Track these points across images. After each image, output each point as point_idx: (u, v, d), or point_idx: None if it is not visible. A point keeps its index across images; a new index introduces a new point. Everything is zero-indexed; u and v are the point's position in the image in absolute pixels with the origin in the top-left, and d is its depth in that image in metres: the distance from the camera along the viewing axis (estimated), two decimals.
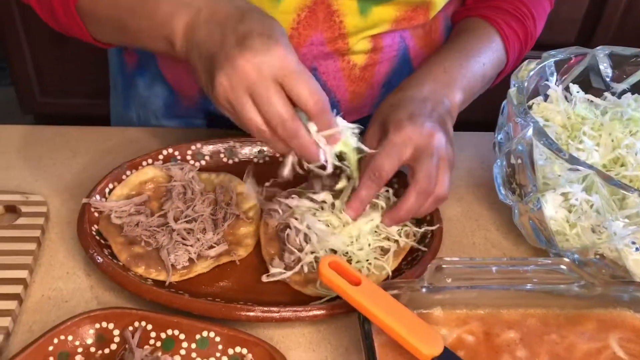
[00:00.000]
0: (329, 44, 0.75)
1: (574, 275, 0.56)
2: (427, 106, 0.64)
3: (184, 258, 0.61)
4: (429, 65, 0.72)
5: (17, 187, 0.71)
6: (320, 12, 0.72)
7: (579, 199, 0.58)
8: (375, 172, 0.61)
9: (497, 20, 0.77)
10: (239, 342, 0.53)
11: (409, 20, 0.75)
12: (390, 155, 0.61)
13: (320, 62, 0.76)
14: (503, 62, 0.79)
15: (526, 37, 0.80)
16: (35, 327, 0.56)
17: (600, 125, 0.68)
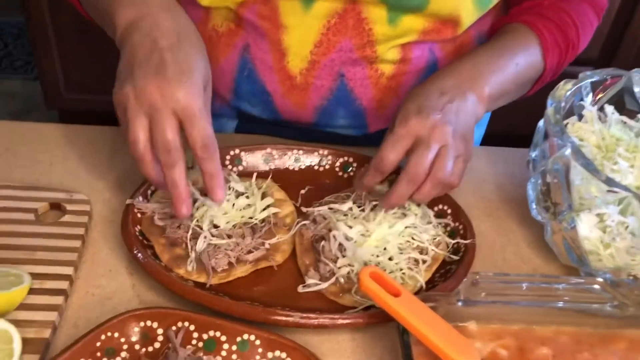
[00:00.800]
0: (358, 50, 0.76)
1: (607, 295, 0.57)
2: (443, 99, 0.67)
3: (224, 262, 0.63)
4: (458, 61, 0.74)
5: (60, 185, 0.73)
6: (350, 18, 0.74)
7: (614, 221, 0.59)
8: (380, 162, 0.66)
9: (536, 24, 0.77)
10: (279, 346, 0.54)
11: (437, 32, 0.77)
12: (394, 147, 0.65)
13: (348, 69, 0.78)
14: (540, 67, 0.79)
15: (567, 46, 0.79)
16: (80, 323, 0.58)
17: (635, 147, 0.69)
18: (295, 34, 0.75)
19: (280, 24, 0.74)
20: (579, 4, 0.81)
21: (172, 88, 0.57)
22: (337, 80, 0.79)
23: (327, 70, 0.78)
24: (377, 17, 0.73)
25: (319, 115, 0.83)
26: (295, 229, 0.67)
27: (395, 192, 0.65)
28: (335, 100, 0.81)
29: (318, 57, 0.76)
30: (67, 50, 2.04)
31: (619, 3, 1.93)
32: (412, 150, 0.64)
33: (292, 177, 0.76)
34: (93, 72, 2.08)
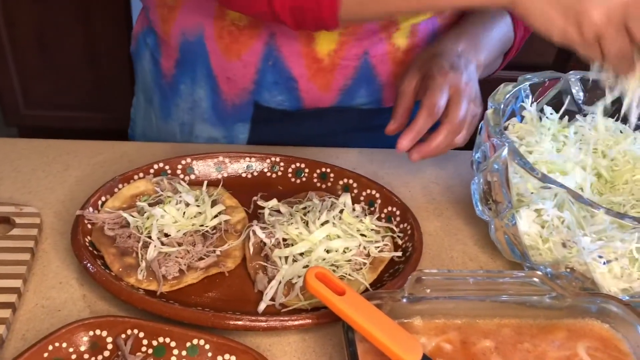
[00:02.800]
0: (382, 31, 0.81)
1: (546, 287, 0.60)
2: (462, 61, 0.75)
3: (175, 269, 0.63)
4: (460, 29, 0.82)
5: (10, 199, 0.72)
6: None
7: (550, 215, 0.61)
8: (433, 107, 0.70)
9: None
10: (228, 350, 0.55)
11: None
12: (443, 93, 0.71)
13: (371, 48, 0.83)
14: (511, 39, 0.87)
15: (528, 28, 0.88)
16: (29, 335, 0.58)
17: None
18: None
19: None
20: None
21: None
22: (362, 58, 0.83)
23: (354, 50, 0.82)
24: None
25: (341, 96, 0.86)
26: (245, 234, 0.68)
27: (435, 142, 0.71)
28: (358, 79, 0.85)
29: (347, 37, 0.80)
30: (25, 66, 2.01)
31: None
32: (453, 100, 0.71)
33: (244, 184, 0.77)
34: (52, 87, 2.06)
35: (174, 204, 0.68)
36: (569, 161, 0.70)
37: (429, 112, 0.71)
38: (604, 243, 0.59)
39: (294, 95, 0.86)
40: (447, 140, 0.72)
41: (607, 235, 0.59)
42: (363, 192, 0.77)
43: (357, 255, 0.66)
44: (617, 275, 0.61)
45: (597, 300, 0.60)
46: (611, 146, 0.75)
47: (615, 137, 0.76)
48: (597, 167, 0.72)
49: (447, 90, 0.71)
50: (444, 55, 0.75)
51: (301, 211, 0.70)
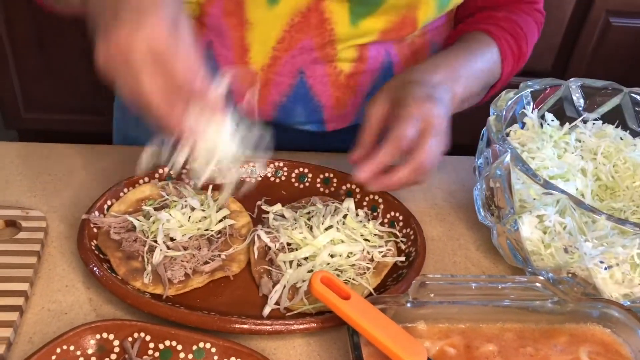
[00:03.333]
0: (318, 49, 0.79)
1: (548, 292, 0.60)
2: (438, 92, 0.70)
3: (180, 273, 0.64)
4: (438, 59, 0.78)
5: (16, 203, 0.73)
6: (313, 18, 0.76)
7: (552, 221, 0.62)
8: (399, 140, 0.65)
9: (496, 33, 0.82)
10: (234, 353, 0.55)
11: (397, 32, 0.79)
12: (413, 125, 0.66)
13: (308, 67, 0.80)
14: (497, 73, 0.83)
15: (519, 56, 0.85)
16: (36, 338, 0.59)
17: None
18: (259, 30, 0.77)
19: (245, 20, 0.76)
20: (526, 19, 0.86)
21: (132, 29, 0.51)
22: (297, 77, 0.81)
23: (288, 67, 0.80)
24: (339, 17, 0.76)
25: (277, 112, 0.85)
26: (250, 239, 0.69)
27: (397, 177, 0.66)
28: (294, 97, 0.83)
29: (280, 53, 0.79)
30: (25, 69, 2.02)
31: (568, 17, 2.01)
32: (422, 135, 0.66)
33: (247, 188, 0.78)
34: (51, 90, 2.07)
35: (180, 208, 0.69)
36: (570, 167, 0.71)
37: (395, 144, 0.65)
38: (605, 249, 0.60)
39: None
40: (409, 178, 0.67)
41: (609, 240, 0.60)
42: (366, 197, 0.77)
43: (361, 260, 0.67)
44: (618, 280, 0.61)
45: (598, 305, 0.61)
46: (612, 153, 0.75)
47: (615, 144, 0.76)
48: (597, 173, 0.73)
49: (419, 122, 0.66)
50: (419, 84, 0.70)
51: (305, 216, 0.71)
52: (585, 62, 2.10)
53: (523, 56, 0.86)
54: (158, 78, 0.52)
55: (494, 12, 0.86)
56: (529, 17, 0.87)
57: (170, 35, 0.52)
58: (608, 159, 0.75)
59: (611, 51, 2.07)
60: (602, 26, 2.03)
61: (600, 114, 0.82)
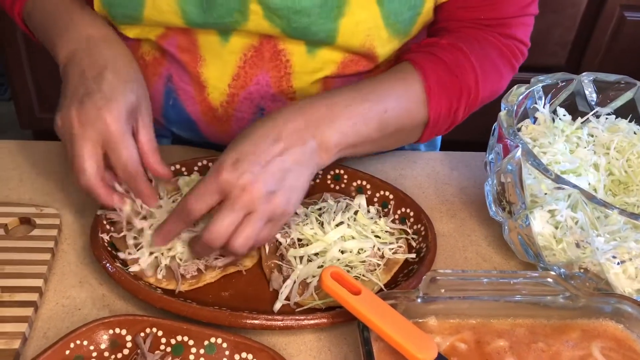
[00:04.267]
0: (274, 84, 0.76)
1: (560, 287, 0.60)
2: (275, 148, 0.59)
3: (193, 268, 0.64)
4: (316, 97, 0.65)
5: (30, 200, 0.74)
6: (267, 51, 0.74)
7: (564, 216, 0.62)
8: (184, 213, 0.60)
9: (423, 66, 0.69)
10: (245, 348, 0.56)
11: (355, 63, 0.75)
12: (200, 199, 0.59)
13: (267, 104, 0.78)
14: (421, 114, 0.69)
15: (460, 92, 0.70)
16: (50, 333, 0.59)
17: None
18: (214, 67, 0.76)
19: (199, 57, 0.76)
20: (484, 48, 0.74)
21: (90, 116, 0.62)
22: (257, 113, 0.79)
23: (247, 103, 0.78)
24: (295, 48, 0.73)
25: None
26: None
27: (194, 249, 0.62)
28: None
29: (236, 90, 0.77)
30: (39, 70, 2.04)
31: (582, 12, 2.00)
32: (218, 210, 0.58)
33: None
34: None
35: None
36: (582, 162, 0.71)
37: (179, 215, 0.60)
38: (617, 243, 0.59)
39: (198, 134, 0.85)
40: (204, 250, 0.62)
41: (621, 235, 0.59)
42: (377, 193, 0.77)
43: (372, 256, 0.67)
44: (631, 275, 0.61)
45: (611, 300, 0.60)
46: (625, 147, 0.75)
47: (629, 139, 0.76)
48: (610, 168, 0.73)
49: (211, 195, 0.58)
50: (245, 140, 0.60)
51: (316, 212, 0.71)
52: (600, 57, 2.09)
53: (469, 92, 0.71)
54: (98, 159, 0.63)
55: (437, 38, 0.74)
56: (491, 49, 0.75)
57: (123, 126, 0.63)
58: (621, 154, 0.74)
59: (626, 46, 2.05)
60: (616, 21, 2.01)
61: (613, 109, 0.81)
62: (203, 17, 0.70)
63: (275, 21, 0.69)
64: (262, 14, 0.69)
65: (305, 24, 0.68)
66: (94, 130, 0.62)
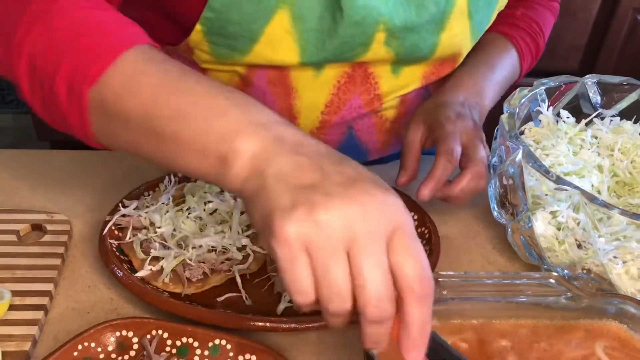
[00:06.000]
0: (366, 106, 0.80)
1: (562, 288, 0.60)
2: (466, 109, 0.75)
3: (199, 272, 0.65)
4: (461, 77, 0.81)
5: (42, 207, 0.76)
6: (358, 76, 0.77)
7: (565, 217, 0.62)
8: (451, 154, 0.69)
9: (513, 35, 0.87)
10: (249, 350, 0.57)
11: (437, 74, 0.81)
12: (456, 140, 0.70)
13: (356, 121, 0.82)
14: (517, 75, 0.89)
15: (537, 52, 0.90)
16: (60, 336, 0.61)
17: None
18: (307, 98, 0.77)
19: (292, 89, 0.76)
20: (543, 13, 0.91)
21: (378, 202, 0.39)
22: (346, 133, 0.82)
23: (337, 126, 0.81)
24: (381, 69, 0.77)
25: None
26: None
27: (460, 186, 0.70)
28: (342, 149, 0.80)
29: (329, 116, 0.79)
30: None
31: (594, 17, 1.99)
32: (469, 147, 0.71)
33: None
34: None
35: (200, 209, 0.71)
36: (585, 164, 0.71)
37: (447, 158, 0.70)
38: (619, 243, 0.59)
39: None
40: (471, 184, 0.70)
41: (623, 235, 0.59)
42: None
43: None
44: (634, 276, 0.61)
45: (614, 301, 0.60)
46: (629, 149, 0.75)
47: (633, 140, 0.76)
48: (614, 170, 0.73)
49: (459, 137, 0.71)
50: (447, 106, 0.75)
51: None
52: (613, 61, 2.07)
53: (539, 52, 0.91)
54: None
55: (512, 9, 0.88)
56: (546, 10, 0.91)
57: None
58: (625, 155, 0.74)
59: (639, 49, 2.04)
60: (629, 24, 2.00)
61: (617, 110, 0.81)
62: (320, 55, 0.70)
63: (392, 44, 0.72)
64: (384, 40, 0.71)
65: (415, 41, 0.73)
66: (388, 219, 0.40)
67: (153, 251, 0.66)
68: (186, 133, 0.44)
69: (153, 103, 0.46)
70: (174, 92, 0.46)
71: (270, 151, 0.42)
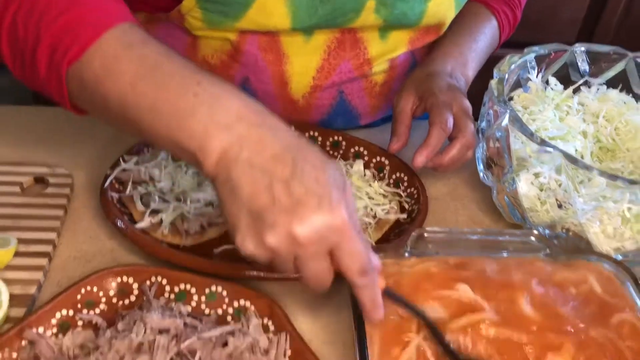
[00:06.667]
0: (356, 70, 0.82)
1: (542, 245, 0.63)
2: (454, 80, 0.79)
3: (196, 225, 0.68)
4: (448, 46, 0.85)
5: (44, 162, 0.78)
6: (347, 41, 0.79)
7: (547, 178, 0.65)
8: (445, 123, 0.72)
9: (494, 7, 0.90)
10: (244, 295, 0.60)
11: (422, 40, 0.84)
12: (448, 110, 0.73)
13: (346, 85, 0.84)
14: (496, 44, 0.92)
15: (514, 22, 0.94)
16: (63, 283, 0.63)
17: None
18: (298, 64, 0.79)
19: (283, 55, 0.78)
20: None
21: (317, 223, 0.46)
22: (337, 97, 0.85)
23: (328, 91, 0.83)
24: (370, 35, 0.79)
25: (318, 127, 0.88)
26: None
27: (450, 155, 0.73)
28: (334, 113, 0.87)
29: (320, 81, 0.81)
30: None
31: None
32: (459, 118, 0.73)
33: None
34: None
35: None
36: (570, 129, 0.73)
37: (442, 127, 0.72)
38: (598, 204, 0.62)
39: None
40: (460, 154, 0.74)
41: (602, 195, 0.62)
42: (373, 159, 0.81)
43: (364, 216, 0.71)
44: (610, 235, 0.64)
45: (591, 258, 0.63)
46: (614, 116, 0.77)
47: (618, 108, 0.78)
48: (598, 136, 0.75)
49: (451, 107, 0.74)
50: (438, 75, 0.78)
51: None
52: (610, 36, 2.08)
53: (516, 22, 0.94)
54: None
55: None
56: None
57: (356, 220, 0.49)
58: (610, 122, 0.77)
59: (637, 24, 2.04)
60: None
61: (605, 79, 0.83)
62: (311, 20, 0.72)
63: (381, 12, 0.75)
64: (374, 8, 0.74)
65: (404, 9, 0.76)
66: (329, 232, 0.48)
67: (152, 204, 0.69)
68: (160, 127, 0.48)
69: (130, 91, 0.48)
70: (148, 85, 0.48)
71: (232, 154, 0.47)
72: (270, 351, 0.55)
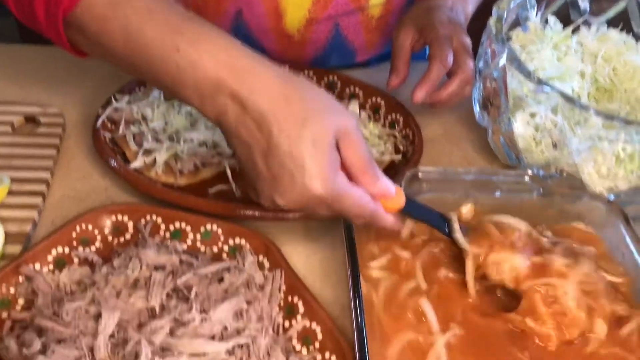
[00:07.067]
0: (352, 2, 0.80)
1: (536, 185, 0.64)
2: (454, 14, 0.77)
3: (190, 164, 0.68)
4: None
5: (35, 101, 0.77)
6: None
7: (543, 117, 0.64)
8: (445, 58, 0.71)
9: None
10: (238, 233, 0.60)
11: None
12: (448, 44, 0.72)
13: (342, 19, 0.82)
14: None
15: None
16: (57, 221, 0.63)
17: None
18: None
19: None
20: None
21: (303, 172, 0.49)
22: (333, 30, 0.83)
23: (324, 24, 0.81)
24: None
25: (312, 63, 0.87)
26: None
27: (448, 91, 0.72)
28: (330, 48, 0.85)
29: (316, 14, 0.79)
30: None
31: None
32: (459, 54, 0.72)
33: None
34: None
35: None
36: (568, 69, 0.73)
37: (442, 62, 0.71)
38: (593, 144, 0.62)
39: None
40: (458, 90, 0.73)
41: (597, 136, 0.62)
42: (369, 99, 0.80)
43: None
44: (603, 175, 0.64)
45: (584, 198, 0.64)
46: (612, 56, 0.76)
47: (617, 48, 0.77)
48: (595, 76, 0.74)
49: (452, 42, 0.72)
50: (439, 9, 0.76)
51: None
52: None
53: None
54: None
55: None
56: None
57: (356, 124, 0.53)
58: (608, 62, 0.76)
59: None
60: None
61: (606, 19, 0.82)
62: None
63: None
64: None
65: None
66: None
67: (146, 144, 0.68)
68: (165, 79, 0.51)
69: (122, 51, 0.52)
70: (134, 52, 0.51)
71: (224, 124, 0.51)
72: (265, 287, 0.56)
